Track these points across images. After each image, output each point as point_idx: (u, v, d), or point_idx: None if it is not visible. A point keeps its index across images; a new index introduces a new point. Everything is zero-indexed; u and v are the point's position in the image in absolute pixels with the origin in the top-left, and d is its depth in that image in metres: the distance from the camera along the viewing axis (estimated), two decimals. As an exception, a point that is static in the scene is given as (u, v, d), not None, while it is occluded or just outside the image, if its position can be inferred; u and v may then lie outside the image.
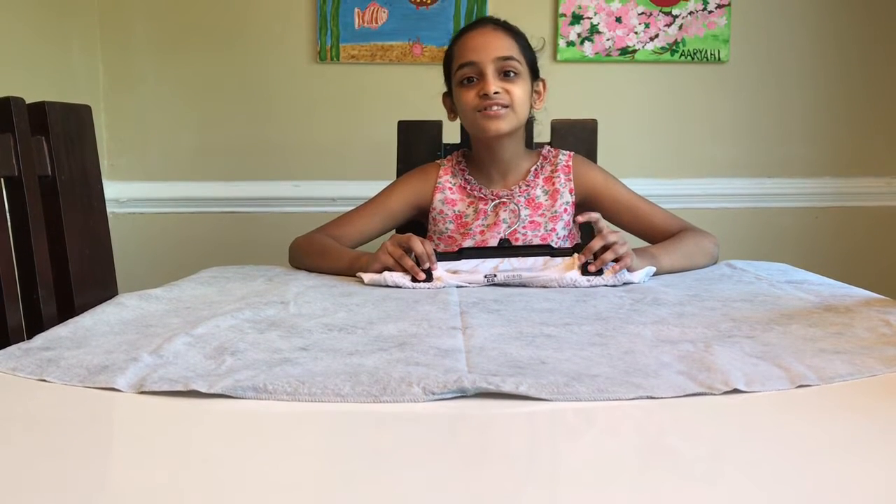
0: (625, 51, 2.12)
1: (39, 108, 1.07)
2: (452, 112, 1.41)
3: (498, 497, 0.47)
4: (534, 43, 1.39)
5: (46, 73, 1.86)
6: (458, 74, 1.33)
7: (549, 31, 2.13)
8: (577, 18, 2.11)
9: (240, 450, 0.55)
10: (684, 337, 0.81)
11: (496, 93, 1.28)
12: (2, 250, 0.97)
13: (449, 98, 1.41)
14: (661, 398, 0.63)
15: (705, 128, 2.17)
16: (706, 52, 2.13)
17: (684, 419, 0.60)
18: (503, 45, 1.31)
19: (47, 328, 0.88)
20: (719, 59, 2.13)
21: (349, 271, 1.24)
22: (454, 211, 1.39)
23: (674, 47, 2.12)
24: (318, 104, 2.14)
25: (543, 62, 2.01)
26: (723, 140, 2.18)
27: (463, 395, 0.63)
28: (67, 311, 1.06)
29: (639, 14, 2.11)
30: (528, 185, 1.38)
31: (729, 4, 2.10)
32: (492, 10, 2.10)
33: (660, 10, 2.11)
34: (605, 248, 1.14)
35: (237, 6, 2.12)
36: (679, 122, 2.15)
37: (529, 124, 1.51)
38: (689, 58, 2.13)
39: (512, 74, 1.31)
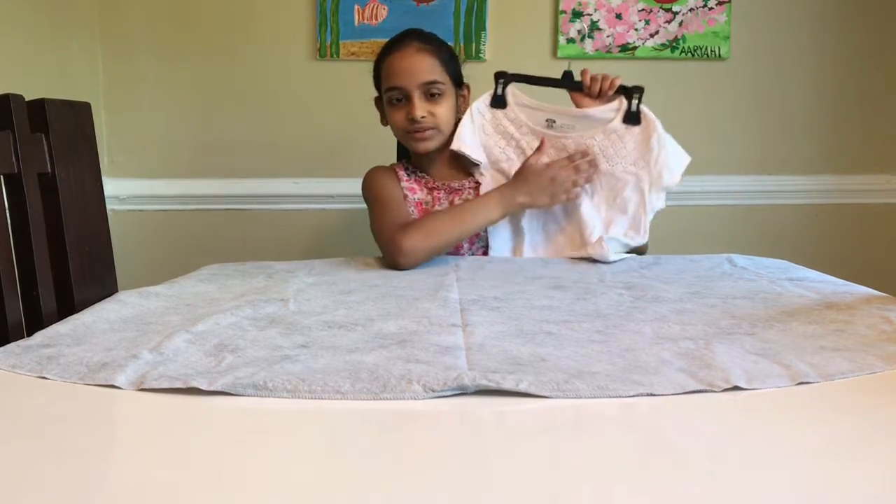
0: (625, 47, 2.12)
1: (39, 106, 1.07)
2: (384, 118, 1.49)
3: (498, 494, 0.47)
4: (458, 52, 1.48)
5: (46, 70, 1.86)
6: (387, 95, 1.43)
7: (550, 28, 2.12)
8: (577, 15, 2.11)
9: (240, 447, 0.55)
10: (684, 334, 0.80)
11: (423, 117, 1.39)
12: (2, 248, 0.97)
13: (381, 104, 1.49)
14: (662, 395, 0.62)
15: (705, 125, 2.17)
16: (706, 48, 2.12)
17: (684, 416, 0.60)
18: (427, 68, 1.40)
19: (47, 325, 0.88)
20: (719, 55, 2.13)
21: (505, 215, 1.38)
22: (415, 198, 1.46)
23: (674, 44, 2.12)
24: (318, 101, 2.14)
25: (543, 60, 2.01)
26: (723, 137, 2.18)
27: (463, 392, 0.63)
28: (67, 308, 1.06)
29: (639, 11, 2.11)
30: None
31: (729, 1, 2.10)
32: (492, 7, 2.09)
33: (660, 7, 2.11)
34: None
35: (237, 3, 2.12)
36: (679, 120, 2.13)
37: None
38: (689, 55, 2.13)
39: (437, 95, 1.40)
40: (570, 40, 2.11)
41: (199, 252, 2.07)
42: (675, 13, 2.11)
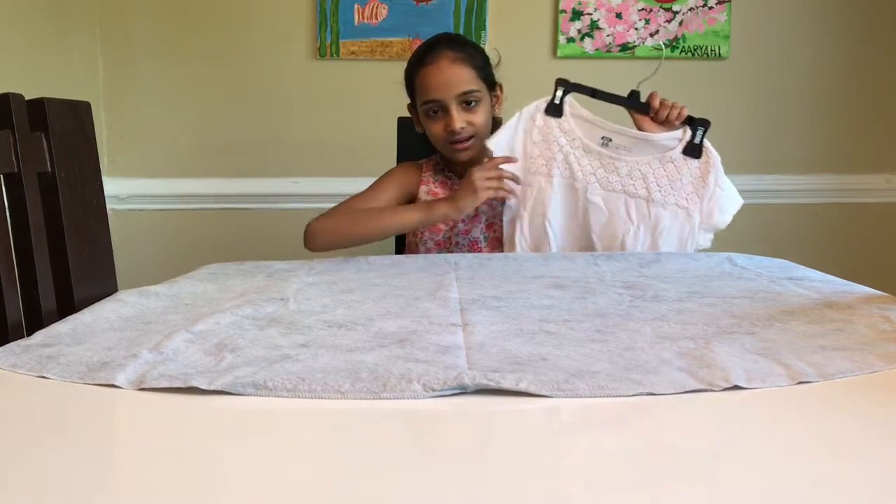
0: (625, 47, 2.12)
1: (39, 105, 1.07)
2: (419, 124, 1.48)
3: (498, 494, 0.47)
4: (490, 54, 1.47)
5: (46, 70, 1.86)
6: (424, 108, 1.42)
7: (549, 27, 2.12)
8: (577, 14, 2.11)
9: (239, 447, 0.55)
10: (684, 333, 0.80)
11: (462, 127, 1.39)
12: (1, 247, 0.97)
13: (415, 111, 1.48)
14: (662, 395, 0.62)
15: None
16: (706, 48, 2.12)
17: (684, 416, 0.60)
18: (463, 79, 1.39)
19: (47, 325, 0.88)
20: (719, 55, 2.13)
21: (424, 222, 1.38)
22: None
23: (674, 43, 2.12)
24: (318, 101, 2.14)
25: (543, 59, 2.01)
26: (723, 136, 2.17)
27: (463, 391, 0.63)
28: (67, 307, 1.06)
29: (639, 10, 2.11)
30: None
31: (729, 1, 2.10)
32: (492, 6, 2.09)
33: (660, 7, 2.11)
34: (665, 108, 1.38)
35: (237, 3, 2.12)
36: (679, 119, 2.15)
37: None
38: (689, 54, 2.13)
39: (473, 103, 1.40)
40: (570, 40, 2.11)
41: (199, 251, 2.07)
42: (675, 13, 2.11)
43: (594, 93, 1.39)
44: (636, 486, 0.48)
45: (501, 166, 1.36)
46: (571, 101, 1.40)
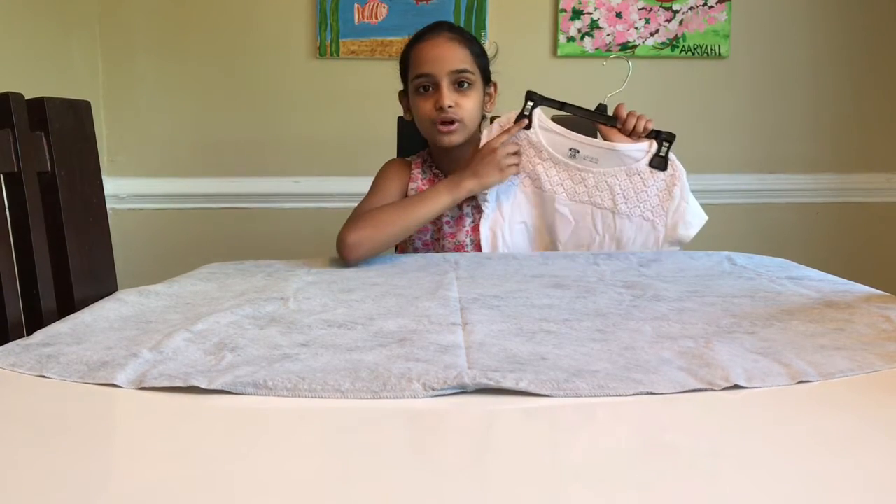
0: (625, 46, 2.12)
1: (39, 104, 1.07)
2: (408, 111, 1.47)
3: (498, 493, 0.47)
4: (488, 48, 1.45)
5: (46, 70, 1.86)
6: (415, 83, 1.40)
7: (549, 27, 2.12)
8: (577, 14, 2.11)
9: (239, 446, 0.55)
10: (684, 333, 0.80)
11: (450, 106, 1.37)
12: (2, 246, 0.97)
13: (405, 97, 1.46)
14: (662, 394, 0.62)
15: (706, 124, 2.17)
16: (706, 47, 2.12)
17: (684, 415, 0.60)
18: (458, 57, 1.38)
19: (47, 324, 0.88)
20: (720, 54, 2.13)
21: (453, 202, 1.36)
22: None
23: (674, 43, 2.12)
24: (318, 100, 2.14)
25: (543, 58, 2.01)
26: (723, 136, 2.18)
27: (463, 391, 0.63)
28: (67, 307, 1.06)
29: (639, 9, 2.11)
30: None
31: (729, 0, 2.10)
32: (492, 6, 2.09)
33: (660, 6, 2.11)
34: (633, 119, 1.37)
35: (237, 3, 2.12)
36: (679, 118, 2.14)
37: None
38: (689, 53, 2.13)
39: (466, 85, 1.39)
40: (570, 39, 2.11)
41: (199, 251, 2.08)
42: (676, 12, 2.11)
43: (562, 105, 1.39)
44: (636, 485, 0.47)
45: (514, 139, 1.38)
46: (540, 114, 1.40)
